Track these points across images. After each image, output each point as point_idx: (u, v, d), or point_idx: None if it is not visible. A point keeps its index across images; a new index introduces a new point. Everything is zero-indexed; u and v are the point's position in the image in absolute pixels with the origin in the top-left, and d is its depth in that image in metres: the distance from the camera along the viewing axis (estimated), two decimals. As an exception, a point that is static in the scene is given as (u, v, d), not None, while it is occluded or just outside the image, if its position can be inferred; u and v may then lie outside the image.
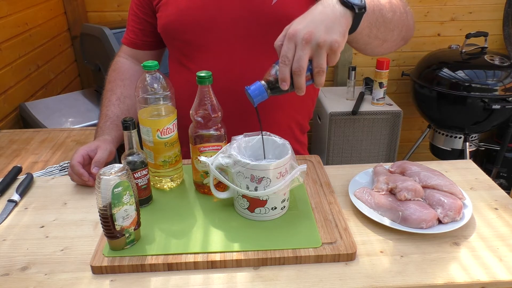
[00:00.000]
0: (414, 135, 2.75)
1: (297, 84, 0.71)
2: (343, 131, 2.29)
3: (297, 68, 0.70)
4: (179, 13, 1.02)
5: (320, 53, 0.69)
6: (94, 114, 1.81)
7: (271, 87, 0.74)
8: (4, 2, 1.71)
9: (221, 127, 0.87)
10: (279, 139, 0.85)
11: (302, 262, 0.73)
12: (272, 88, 0.74)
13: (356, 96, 2.36)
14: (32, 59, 1.91)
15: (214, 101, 0.84)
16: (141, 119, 0.86)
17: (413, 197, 0.83)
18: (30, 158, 1.27)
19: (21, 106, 1.79)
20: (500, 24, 2.53)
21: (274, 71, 0.74)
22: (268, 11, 0.97)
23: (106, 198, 0.70)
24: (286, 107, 1.09)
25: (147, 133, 0.87)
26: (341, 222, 0.81)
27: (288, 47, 0.70)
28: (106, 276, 0.71)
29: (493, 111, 2.06)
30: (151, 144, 0.87)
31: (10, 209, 0.89)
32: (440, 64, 2.20)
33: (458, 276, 0.70)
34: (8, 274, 0.72)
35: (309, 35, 0.68)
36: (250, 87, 0.75)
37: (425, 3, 2.48)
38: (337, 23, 0.70)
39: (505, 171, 2.47)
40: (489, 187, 0.95)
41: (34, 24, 1.95)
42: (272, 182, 0.78)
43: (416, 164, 0.93)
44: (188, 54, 1.06)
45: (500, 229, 0.81)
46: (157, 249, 0.74)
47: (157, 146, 0.87)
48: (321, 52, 0.69)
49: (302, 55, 0.69)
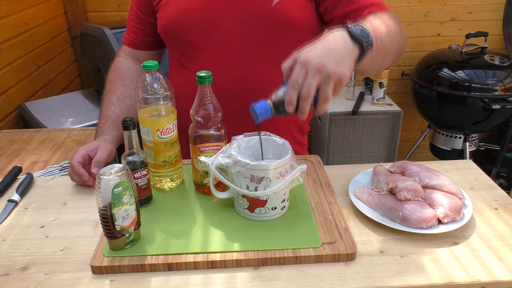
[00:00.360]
0: (414, 135, 2.75)
1: (302, 108, 0.73)
2: (343, 131, 2.29)
3: (305, 94, 0.71)
4: (180, 13, 1.02)
5: (328, 83, 0.72)
6: (94, 114, 1.81)
7: (276, 108, 0.75)
8: (4, 2, 1.71)
9: (221, 127, 0.87)
10: (279, 139, 0.85)
11: (302, 262, 0.73)
12: (277, 109, 0.75)
13: (356, 96, 2.37)
14: (32, 59, 1.91)
15: (214, 101, 0.84)
16: (141, 119, 0.86)
17: (413, 197, 0.83)
18: (30, 158, 1.27)
19: (21, 106, 1.79)
20: (500, 24, 2.53)
21: (282, 93, 0.75)
22: (268, 13, 0.97)
23: (106, 198, 0.70)
24: None
25: (147, 133, 0.87)
26: (341, 222, 0.81)
27: (299, 73, 0.72)
28: (106, 276, 0.71)
29: (493, 111, 2.06)
30: (151, 144, 0.87)
31: (10, 209, 0.89)
32: (440, 64, 2.20)
33: (458, 276, 0.70)
34: (8, 274, 0.72)
35: (321, 65, 0.70)
36: (256, 104, 0.75)
37: (425, 3, 2.48)
38: (347, 56, 0.73)
39: (505, 171, 2.47)
40: (489, 187, 0.95)
41: (34, 24, 1.95)
42: (272, 182, 0.78)
43: (416, 164, 0.93)
44: (188, 54, 1.06)
45: (500, 229, 0.81)
46: (157, 249, 0.74)
47: (157, 146, 0.87)
48: (330, 82, 0.72)
49: (312, 83, 0.71)
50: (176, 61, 1.10)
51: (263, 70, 1.04)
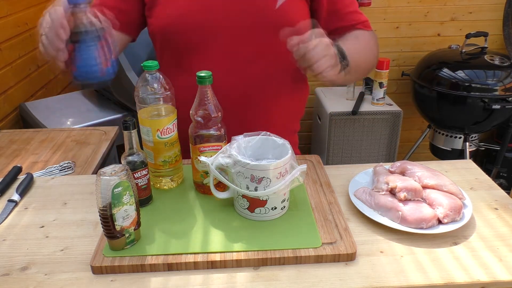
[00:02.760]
0: (414, 135, 2.75)
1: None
2: (343, 131, 2.29)
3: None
4: (181, 14, 1.00)
5: (325, 62, 0.84)
6: (94, 114, 1.81)
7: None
8: (4, 2, 1.71)
9: (221, 127, 0.87)
10: (279, 139, 0.85)
11: (302, 262, 0.73)
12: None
13: (356, 96, 2.36)
14: (32, 59, 1.91)
15: (214, 101, 0.84)
16: (141, 119, 0.86)
17: (413, 197, 0.83)
18: (30, 158, 1.27)
19: (21, 106, 1.79)
20: (500, 24, 2.53)
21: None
22: (271, 16, 0.97)
23: (106, 198, 0.70)
24: (275, 112, 1.09)
25: (147, 133, 0.87)
26: (341, 222, 0.81)
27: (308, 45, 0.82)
28: (106, 276, 0.71)
29: (493, 111, 2.06)
30: (151, 144, 0.87)
31: (10, 209, 0.89)
32: (440, 64, 2.20)
33: (458, 276, 0.70)
34: (8, 274, 0.72)
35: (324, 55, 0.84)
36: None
37: (425, 3, 2.48)
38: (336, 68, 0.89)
39: (505, 171, 2.47)
40: (489, 187, 0.95)
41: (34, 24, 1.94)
42: (272, 182, 0.78)
43: (416, 164, 0.93)
44: (187, 56, 1.04)
45: (500, 229, 0.82)
46: (157, 249, 0.74)
47: (157, 146, 0.87)
48: (325, 63, 0.84)
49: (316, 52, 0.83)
50: (174, 64, 1.06)
51: (264, 72, 1.04)
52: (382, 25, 2.54)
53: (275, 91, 1.07)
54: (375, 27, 2.53)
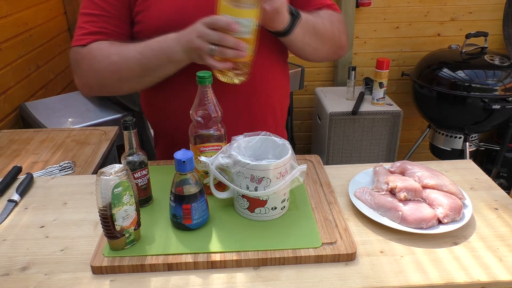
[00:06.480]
0: (414, 135, 2.75)
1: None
2: (343, 131, 2.29)
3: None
4: (176, 12, 0.98)
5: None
6: (94, 114, 1.81)
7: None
8: (4, 2, 1.71)
9: (221, 127, 0.87)
10: (279, 139, 0.85)
11: (302, 262, 0.73)
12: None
13: (356, 96, 2.37)
14: (32, 59, 1.91)
15: (214, 101, 0.84)
16: (242, 11, 0.81)
17: (413, 197, 0.83)
18: (30, 158, 1.27)
19: (21, 106, 1.79)
20: (500, 24, 2.53)
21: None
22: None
23: (106, 198, 0.70)
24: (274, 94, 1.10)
25: (247, 25, 0.83)
26: (341, 222, 0.81)
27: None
28: (106, 276, 0.71)
29: (493, 111, 2.06)
30: (250, 35, 0.84)
31: (10, 209, 0.89)
32: (440, 64, 2.20)
33: (458, 276, 0.70)
34: (8, 274, 0.72)
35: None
36: None
37: (425, 3, 2.48)
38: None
39: (505, 171, 2.47)
40: (489, 187, 0.95)
41: (34, 24, 1.95)
42: (272, 182, 0.78)
43: (416, 164, 0.93)
44: None
45: (500, 229, 0.82)
46: (157, 249, 0.74)
47: (254, 36, 0.85)
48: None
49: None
50: None
51: (263, 70, 1.03)
52: (382, 25, 2.54)
53: (273, 75, 1.09)
54: (375, 27, 2.54)
